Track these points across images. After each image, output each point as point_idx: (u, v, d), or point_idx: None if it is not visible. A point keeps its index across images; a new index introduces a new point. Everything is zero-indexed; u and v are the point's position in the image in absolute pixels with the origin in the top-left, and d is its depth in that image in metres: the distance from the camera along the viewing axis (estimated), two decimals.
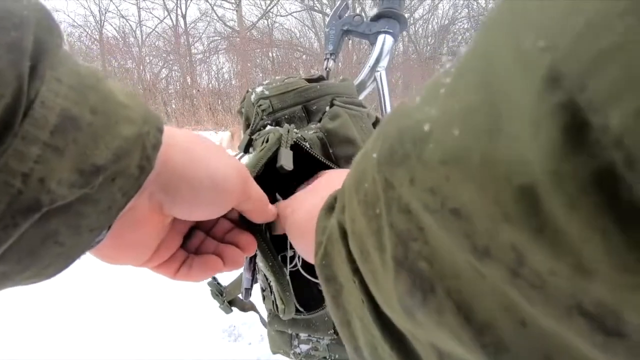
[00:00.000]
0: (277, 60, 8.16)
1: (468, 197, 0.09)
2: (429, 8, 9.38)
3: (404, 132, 0.11)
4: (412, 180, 0.11)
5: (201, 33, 9.21)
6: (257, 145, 0.35)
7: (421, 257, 0.11)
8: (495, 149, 0.08)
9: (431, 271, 0.11)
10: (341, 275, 0.16)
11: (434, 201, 0.10)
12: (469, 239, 0.09)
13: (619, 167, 0.06)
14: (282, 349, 0.43)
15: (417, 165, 0.10)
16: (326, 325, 0.39)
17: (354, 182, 0.15)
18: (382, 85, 0.67)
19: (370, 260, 0.14)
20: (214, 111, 6.16)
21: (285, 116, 0.40)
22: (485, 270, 0.09)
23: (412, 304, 0.12)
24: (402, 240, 0.12)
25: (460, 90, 0.10)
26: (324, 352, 0.40)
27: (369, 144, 0.14)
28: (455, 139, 0.09)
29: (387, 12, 0.67)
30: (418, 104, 0.12)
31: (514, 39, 0.08)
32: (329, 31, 0.71)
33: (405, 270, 0.12)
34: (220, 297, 0.52)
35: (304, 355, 0.41)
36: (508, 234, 0.08)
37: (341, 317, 0.17)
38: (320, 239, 0.18)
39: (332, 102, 0.40)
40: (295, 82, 0.41)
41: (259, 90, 0.40)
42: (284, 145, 0.31)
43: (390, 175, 0.12)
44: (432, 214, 0.10)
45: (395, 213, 0.12)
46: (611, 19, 0.06)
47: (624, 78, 0.06)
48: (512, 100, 0.08)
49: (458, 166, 0.09)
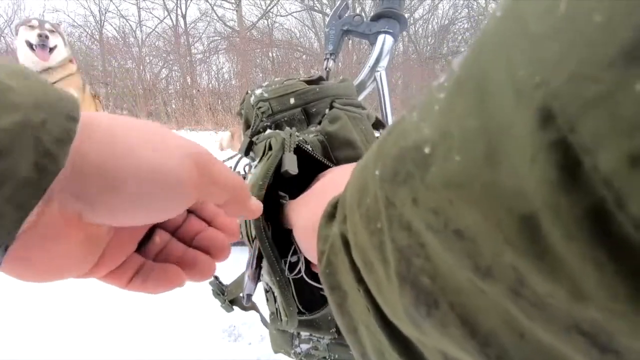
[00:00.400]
0: (277, 60, 8.16)
1: (472, 220, 0.09)
2: (429, 8, 9.38)
3: (405, 152, 0.12)
4: (415, 201, 0.11)
5: (201, 33, 9.21)
6: (259, 150, 0.35)
7: (423, 272, 0.11)
8: (496, 179, 0.09)
9: (434, 286, 0.11)
10: (345, 284, 0.17)
11: (437, 221, 0.10)
12: (471, 259, 0.10)
13: (610, 205, 0.07)
14: (284, 349, 0.43)
15: (420, 186, 0.11)
16: (328, 324, 0.39)
17: (356, 196, 0.15)
18: (382, 85, 0.67)
19: (375, 272, 0.14)
20: (214, 111, 6.16)
21: (284, 118, 0.40)
22: (487, 288, 0.10)
23: (417, 316, 0.12)
24: (404, 255, 0.12)
25: (455, 112, 0.10)
26: (323, 352, 0.40)
27: (370, 158, 0.14)
28: (457, 165, 0.10)
29: (387, 12, 0.67)
30: (415, 121, 0.12)
31: (509, 67, 0.09)
32: (329, 31, 0.71)
33: (408, 284, 0.12)
34: (222, 296, 0.52)
35: (304, 354, 0.41)
36: (510, 257, 0.09)
37: (347, 324, 0.17)
38: (322, 247, 0.18)
39: (331, 104, 0.40)
40: (295, 84, 0.41)
41: (258, 93, 0.40)
42: (287, 150, 0.32)
43: (392, 194, 0.12)
44: (435, 233, 0.11)
45: (396, 229, 0.12)
46: (601, 68, 0.07)
47: (610, 126, 0.07)
48: (509, 133, 0.08)
49: (461, 191, 0.10)
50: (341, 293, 0.17)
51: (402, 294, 0.12)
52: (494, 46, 0.09)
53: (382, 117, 0.66)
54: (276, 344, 0.44)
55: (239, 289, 0.51)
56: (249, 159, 0.41)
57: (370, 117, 0.41)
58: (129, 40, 8.43)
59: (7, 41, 7.44)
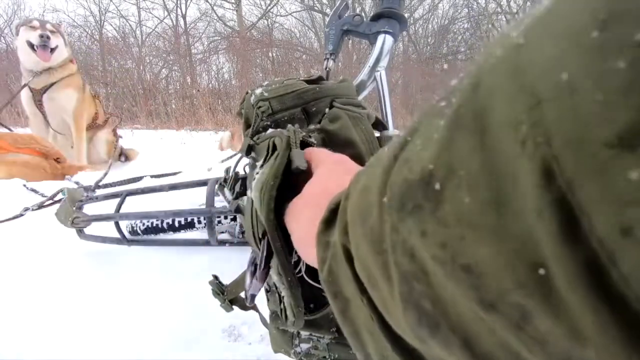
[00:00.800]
0: (277, 60, 8.15)
1: (481, 258, 0.10)
2: (429, 8, 9.37)
3: (412, 184, 0.12)
4: (424, 233, 0.11)
5: (201, 33, 9.21)
6: (261, 150, 0.34)
7: (425, 297, 0.12)
8: (506, 225, 0.09)
9: (435, 311, 0.12)
10: (348, 292, 0.17)
11: (444, 254, 0.11)
12: (477, 292, 0.10)
13: (604, 261, 0.07)
14: (284, 348, 0.43)
15: (430, 220, 0.11)
16: (329, 324, 0.39)
17: (358, 213, 0.15)
18: (382, 85, 0.67)
19: (379, 288, 0.14)
20: (214, 111, 6.16)
21: (284, 118, 0.40)
22: (490, 319, 0.10)
23: (421, 334, 0.12)
24: (407, 279, 0.12)
25: (456, 147, 0.10)
26: (323, 352, 0.40)
27: (374, 182, 0.15)
28: (467, 206, 0.10)
29: (387, 12, 0.67)
30: (418, 150, 0.12)
31: (511, 116, 0.09)
32: (329, 31, 0.71)
33: (411, 306, 0.12)
34: (222, 295, 0.52)
35: (303, 354, 0.41)
36: (518, 297, 0.09)
37: (350, 329, 0.18)
38: (323, 255, 0.19)
39: (331, 103, 0.40)
40: (295, 83, 0.41)
41: (258, 92, 0.40)
42: (293, 147, 0.31)
43: (398, 222, 0.12)
44: (441, 265, 0.11)
45: (399, 255, 0.12)
46: (598, 144, 0.07)
47: (603, 198, 0.07)
48: (515, 181, 0.09)
49: (473, 231, 0.10)
50: (344, 300, 0.17)
51: (406, 314, 0.13)
52: (493, 86, 0.10)
53: (382, 117, 0.66)
54: (276, 344, 0.44)
55: (239, 289, 0.51)
56: (249, 159, 0.41)
57: (370, 117, 0.41)
58: (129, 40, 8.43)
59: (7, 41, 7.44)
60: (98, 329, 0.80)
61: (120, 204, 0.85)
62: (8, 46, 7.01)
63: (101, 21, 8.78)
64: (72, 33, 7.87)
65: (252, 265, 0.34)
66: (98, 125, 2.28)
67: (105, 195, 0.90)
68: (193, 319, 0.83)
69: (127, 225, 0.91)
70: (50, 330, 0.78)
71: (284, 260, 0.31)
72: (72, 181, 1.57)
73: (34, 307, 0.82)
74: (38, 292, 0.83)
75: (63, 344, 0.77)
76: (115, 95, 6.57)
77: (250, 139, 0.38)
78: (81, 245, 0.93)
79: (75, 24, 8.44)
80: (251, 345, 0.81)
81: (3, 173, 1.53)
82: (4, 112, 2.27)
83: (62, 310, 0.81)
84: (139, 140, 3.70)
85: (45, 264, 0.91)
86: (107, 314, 0.82)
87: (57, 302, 0.82)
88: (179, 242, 0.87)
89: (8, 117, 3.63)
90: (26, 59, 2.00)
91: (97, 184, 1.20)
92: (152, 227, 0.88)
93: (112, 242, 0.88)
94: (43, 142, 1.73)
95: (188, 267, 0.93)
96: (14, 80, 4.60)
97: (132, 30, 9.01)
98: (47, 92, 2.04)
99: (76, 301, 0.83)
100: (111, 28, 8.88)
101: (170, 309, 0.83)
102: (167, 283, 0.90)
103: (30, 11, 8.72)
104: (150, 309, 0.84)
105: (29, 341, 0.76)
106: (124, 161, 2.36)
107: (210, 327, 0.82)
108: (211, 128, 5.33)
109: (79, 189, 0.99)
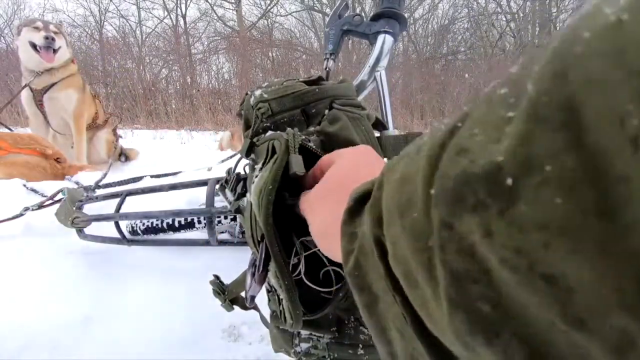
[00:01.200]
0: (277, 60, 8.15)
1: (573, 271, 0.09)
2: (429, 8, 9.37)
3: (472, 178, 0.11)
4: (489, 233, 0.10)
5: (201, 33, 9.20)
6: (261, 153, 0.35)
7: (483, 300, 0.11)
8: (618, 238, 0.08)
9: (496, 316, 0.10)
10: (377, 288, 0.16)
11: (519, 261, 0.09)
12: (561, 306, 0.09)
13: None
14: (284, 348, 0.43)
15: (498, 220, 0.10)
16: (329, 323, 0.39)
17: (396, 205, 0.14)
18: (382, 85, 0.67)
19: (419, 288, 0.13)
20: (214, 111, 6.15)
21: (284, 119, 0.40)
22: (577, 337, 0.09)
23: (472, 342, 0.11)
24: (458, 280, 0.11)
25: (539, 142, 0.09)
26: (323, 351, 0.40)
27: (415, 171, 0.13)
28: (558, 209, 0.09)
29: (387, 12, 0.67)
30: (480, 140, 0.11)
31: (615, 110, 0.08)
32: (329, 31, 0.71)
33: (462, 310, 0.11)
34: (222, 295, 0.52)
35: (303, 353, 0.41)
36: (623, 321, 0.08)
37: (375, 324, 0.17)
38: (348, 247, 0.18)
39: (331, 104, 0.40)
40: (294, 84, 0.41)
41: (257, 94, 0.41)
42: (292, 151, 0.31)
43: (451, 217, 0.11)
44: (512, 270, 0.10)
45: (451, 253, 0.11)
46: None
47: None
48: (627, 187, 0.07)
49: (565, 239, 0.09)
50: (371, 295, 0.16)
51: (453, 319, 0.11)
52: (588, 73, 0.08)
53: (382, 117, 0.66)
54: (276, 343, 0.44)
55: (240, 288, 0.51)
56: (249, 160, 0.41)
57: (370, 117, 0.41)
58: (129, 40, 8.43)
59: (7, 41, 7.44)
60: (98, 329, 0.80)
61: (120, 204, 0.85)
62: (8, 46, 7.01)
63: (101, 21, 8.79)
64: (72, 33, 7.86)
65: (253, 267, 0.34)
66: (98, 125, 2.28)
67: (105, 195, 0.90)
68: (193, 319, 0.83)
69: (127, 225, 0.91)
70: (50, 330, 0.78)
71: (282, 264, 0.31)
72: (72, 181, 1.57)
73: (34, 307, 0.82)
74: (38, 292, 0.83)
75: (63, 344, 0.77)
76: (115, 95, 6.57)
77: (250, 141, 0.38)
78: (81, 245, 0.94)
79: (75, 24, 8.44)
80: (251, 345, 0.81)
81: (3, 173, 1.53)
82: (4, 112, 2.27)
83: (62, 310, 0.81)
84: (139, 140, 3.70)
85: (45, 264, 0.91)
86: (107, 314, 0.82)
87: (57, 302, 0.82)
88: (179, 242, 0.87)
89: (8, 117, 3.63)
90: (28, 59, 2.00)
91: (97, 184, 1.20)
92: (152, 227, 0.88)
93: (112, 242, 0.88)
94: (43, 142, 1.73)
95: (188, 267, 0.93)
96: (14, 81, 4.60)
97: (132, 30, 9.02)
98: (47, 92, 2.04)
99: (76, 301, 0.83)
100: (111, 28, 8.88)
101: (170, 309, 0.83)
102: (167, 283, 0.90)
103: (30, 11, 8.72)
104: (150, 308, 0.84)
105: (29, 341, 0.76)
106: (124, 161, 2.36)
107: (210, 327, 0.82)
108: (211, 128, 5.32)
109: (79, 189, 1.00)
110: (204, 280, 0.55)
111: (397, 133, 0.46)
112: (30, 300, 0.84)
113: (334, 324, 0.40)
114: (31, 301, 0.83)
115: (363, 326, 0.40)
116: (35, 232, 1.02)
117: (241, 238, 0.83)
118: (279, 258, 0.31)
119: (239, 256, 0.92)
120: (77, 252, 0.95)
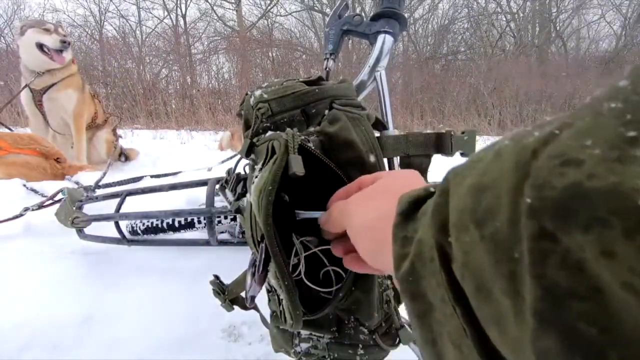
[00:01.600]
0: (277, 60, 8.15)
1: None
2: (429, 8, 9.37)
3: (592, 193, 0.10)
4: (610, 254, 0.09)
5: (201, 33, 9.20)
6: (261, 153, 0.35)
7: (586, 319, 0.10)
8: None
9: (602, 337, 0.10)
10: (433, 297, 0.15)
11: None
12: None
13: None
14: (284, 347, 0.43)
15: (624, 243, 0.09)
16: (329, 323, 0.39)
17: (470, 213, 0.13)
18: (381, 85, 0.67)
19: (494, 301, 0.12)
20: (214, 111, 6.16)
21: (284, 120, 0.40)
22: None
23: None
24: (554, 296, 0.10)
25: None
26: (323, 351, 0.40)
27: (489, 174, 0.13)
28: None
29: (387, 12, 0.67)
30: (595, 153, 0.10)
31: None
32: (329, 31, 0.71)
33: (555, 328, 0.10)
34: (222, 295, 0.52)
35: (303, 353, 0.41)
36: None
37: (426, 335, 0.16)
38: (401, 251, 0.17)
39: (331, 105, 0.40)
40: (294, 85, 0.41)
41: (257, 94, 0.41)
42: (291, 152, 0.31)
43: (556, 230, 0.10)
44: (638, 296, 0.09)
45: (551, 266, 0.11)
46: None
47: None
48: None
49: None
50: (425, 304, 0.16)
51: (540, 337, 0.11)
52: None
53: (382, 117, 0.66)
54: (277, 343, 0.44)
55: (240, 288, 0.51)
56: (249, 161, 0.41)
57: (370, 118, 0.41)
58: (129, 40, 8.43)
59: (8, 41, 7.43)
60: (98, 329, 0.80)
61: (120, 204, 0.85)
62: (8, 46, 7.01)
63: (101, 21, 8.78)
64: (72, 33, 7.86)
65: (253, 267, 0.34)
66: (98, 125, 2.28)
67: (105, 195, 0.90)
68: (193, 319, 0.83)
69: (127, 225, 0.91)
70: (50, 330, 0.78)
71: (282, 264, 0.31)
72: (72, 181, 1.57)
73: (34, 307, 0.82)
74: (38, 292, 0.83)
75: (63, 344, 0.77)
76: (115, 95, 6.57)
77: (250, 141, 0.38)
78: (81, 245, 0.94)
79: (75, 24, 8.44)
80: (251, 345, 0.81)
81: (3, 173, 1.53)
82: (4, 112, 2.27)
83: (62, 310, 0.81)
84: (138, 140, 3.70)
85: (45, 264, 0.91)
86: (107, 314, 0.82)
87: (57, 302, 0.82)
88: (179, 242, 0.87)
89: (8, 117, 3.63)
90: (31, 60, 2.00)
91: (97, 184, 1.20)
92: (152, 227, 0.88)
93: (112, 242, 0.88)
94: (43, 142, 1.73)
95: (188, 267, 0.93)
96: (13, 81, 4.60)
97: (132, 30, 9.01)
98: (47, 92, 2.04)
99: (76, 301, 0.83)
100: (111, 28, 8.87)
101: (170, 309, 0.83)
102: (167, 283, 0.90)
103: (30, 11, 8.71)
104: (150, 308, 0.84)
105: (29, 341, 0.76)
106: (124, 161, 2.36)
107: (210, 327, 0.82)
108: (211, 128, 5.32)
109: (79, 189, 1.00)
110: (204, 280, 0.55)
111: (397, 133, 0.46)
112: (30, 300, 0.84)
113: (334, 324, 0.40)
114: (31, 301, 0.83)
115: (363, 326, 0.40)
116: (35, 232, 1.02)
117: (241, 238, 0.83)
118: (278, 258, 0.31)
119: (239, 256, 0.92)
120: (77, 252, 0.95)
